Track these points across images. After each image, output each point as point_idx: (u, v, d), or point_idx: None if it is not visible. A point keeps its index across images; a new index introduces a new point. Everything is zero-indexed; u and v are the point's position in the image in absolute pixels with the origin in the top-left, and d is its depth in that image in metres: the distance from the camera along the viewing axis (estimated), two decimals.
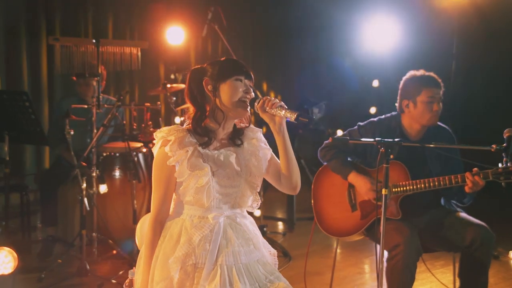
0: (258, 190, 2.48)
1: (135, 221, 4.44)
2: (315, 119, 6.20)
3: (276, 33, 8.16)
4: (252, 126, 2.54)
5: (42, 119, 6.09)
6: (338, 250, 5.12)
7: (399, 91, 3.65)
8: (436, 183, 3.36)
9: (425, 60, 5.50)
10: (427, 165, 3.57)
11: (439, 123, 3.65)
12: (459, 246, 3.43)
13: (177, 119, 5.59)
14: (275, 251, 2.56)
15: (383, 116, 3.71)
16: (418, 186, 3.41)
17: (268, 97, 2.38)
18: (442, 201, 3.66)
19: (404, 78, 3.66)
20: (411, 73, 3.64)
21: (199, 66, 2.51)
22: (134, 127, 4.97)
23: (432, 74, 3.61)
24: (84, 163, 4.44)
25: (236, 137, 2.48)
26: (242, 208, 2.47)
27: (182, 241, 2.32)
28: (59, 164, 5.06)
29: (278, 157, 2.49)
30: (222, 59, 2.49)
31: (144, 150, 4.95)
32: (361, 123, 3.69)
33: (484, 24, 6.74)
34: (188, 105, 2.48)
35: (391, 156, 3.51)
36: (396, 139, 2.92)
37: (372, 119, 3.69)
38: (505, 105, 6.54)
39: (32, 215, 5.29)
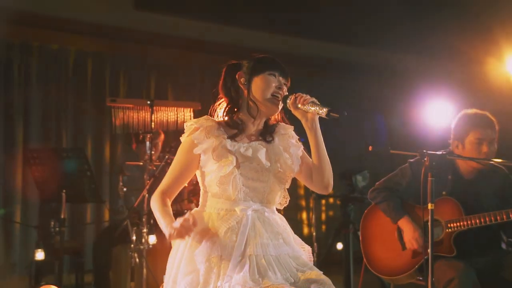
0: (287, 187, 2.43)
1: None
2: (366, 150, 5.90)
3: None
4: (283, 123, 2.50)
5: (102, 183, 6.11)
6: None
7: (451, 131, 3.52)
8: (493, 218, 3.19)
9: None
10: (481, 201, 3.39)
11: (494, 163, 3.46)
12: None
13: None
14: (309, 247, 2.44)
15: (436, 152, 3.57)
16: (472, 221, 3.24)
17: (300, 94, 2.35)
18: (503, 244, 3.45)
19: (456, 117, 3.51)
20: (463, 112, 3.49)
21: (235, 61, 2.50)
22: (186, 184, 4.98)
23: (484, 113, 3.43)
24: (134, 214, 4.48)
25: (267, 134, 2.44)
26: (271, 204, 2.40)
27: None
28: (113, 225, 5.11)
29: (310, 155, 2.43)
30: (260, 55, 2.47)
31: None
32: (411, 160, 3.57)
33: None
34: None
35: (443, 193, 3.40)
36: (444, 158, 2.80)
37: None
38: None
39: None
